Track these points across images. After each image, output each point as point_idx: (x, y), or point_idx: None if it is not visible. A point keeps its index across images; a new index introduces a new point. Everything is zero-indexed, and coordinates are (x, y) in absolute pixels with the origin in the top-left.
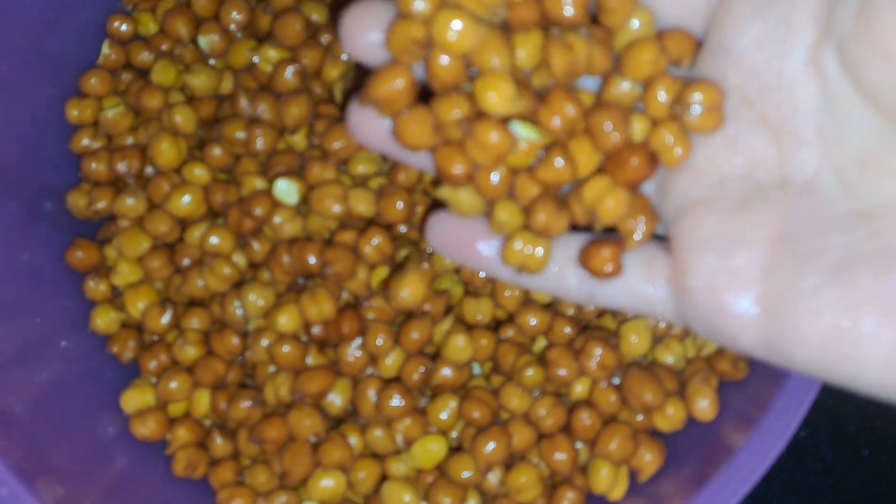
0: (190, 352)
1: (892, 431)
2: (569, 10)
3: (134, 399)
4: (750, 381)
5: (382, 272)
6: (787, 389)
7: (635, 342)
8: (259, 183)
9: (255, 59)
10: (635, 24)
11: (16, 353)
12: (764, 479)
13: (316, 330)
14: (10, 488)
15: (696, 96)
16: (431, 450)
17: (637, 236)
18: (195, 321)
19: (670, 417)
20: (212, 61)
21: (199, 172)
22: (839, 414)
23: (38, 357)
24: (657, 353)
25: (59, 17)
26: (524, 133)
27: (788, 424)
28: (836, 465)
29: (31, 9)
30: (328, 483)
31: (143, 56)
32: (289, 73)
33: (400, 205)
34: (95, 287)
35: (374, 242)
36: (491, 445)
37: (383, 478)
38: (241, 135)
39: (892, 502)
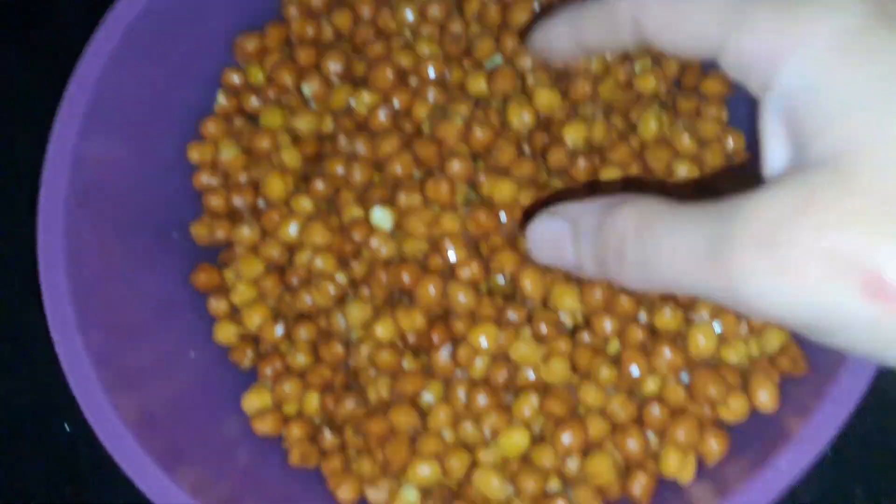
0: (300, 359)
1: None
2: None
3: (253, 401)
4: (808, 376)
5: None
6: (841, 381)
7: (702, 343)
8: (357, 211)
9: (352, 102)
10: None
11: (152, 363)
12: (834, 467)
13: (411, 338)
14: (156, 477)
15: None
16: (516, 440)
17: None
18: (304, 332)
19: (734, 409)
20: (313, 105)
21: (305, 203)
22: None
23: (170, 367)
24: (723, 352)
25: (182, 71)
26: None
27: (842, 411)
28: None
29: (161, 64)
30: (425, 470)
31: (253, 103)
32: (382, 114)
33: (483, 217)
34: (217, 305)
35: (466, 274)
36: (568, 435)
37: (474, 466)
38: (340, 169)
39: None
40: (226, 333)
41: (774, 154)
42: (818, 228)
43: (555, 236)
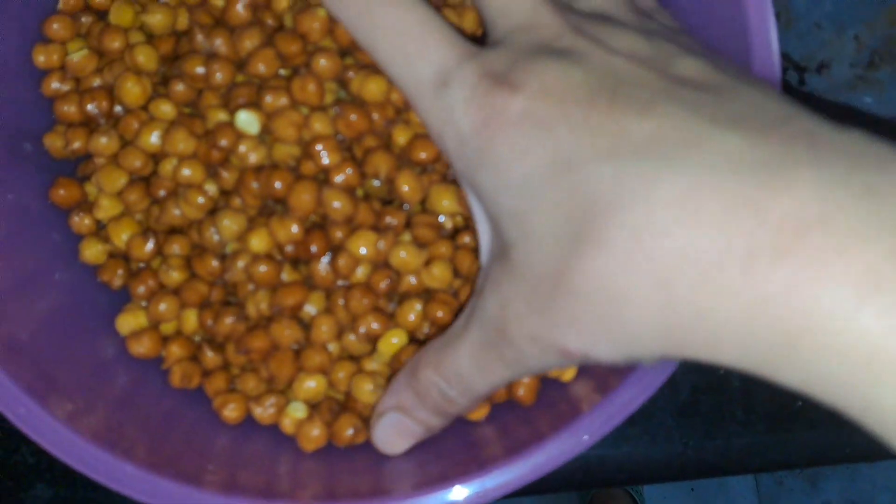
0: (174, 276)
1: None
2: None
3: (128, 322)
4: None
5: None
6: None
7: None
8: (222, 115)
9: None
10: None
11: (13, 286)
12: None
13: (289, 248)
14: (26, 407)
15: None
16: (393, 342)
17: None
18: (176, 247)
19: None
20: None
21: (165, 109)
22: None
23: (34, 289)
24: None
25: None
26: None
27: None
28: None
29: None
30: (311, 384)
31: None
32: (240, 6)
33: (354, 117)
34: (80, 222)
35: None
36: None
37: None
38: (200, 70)
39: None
40: (92, 252)
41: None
42: (517, 321)
43: (397, 428)
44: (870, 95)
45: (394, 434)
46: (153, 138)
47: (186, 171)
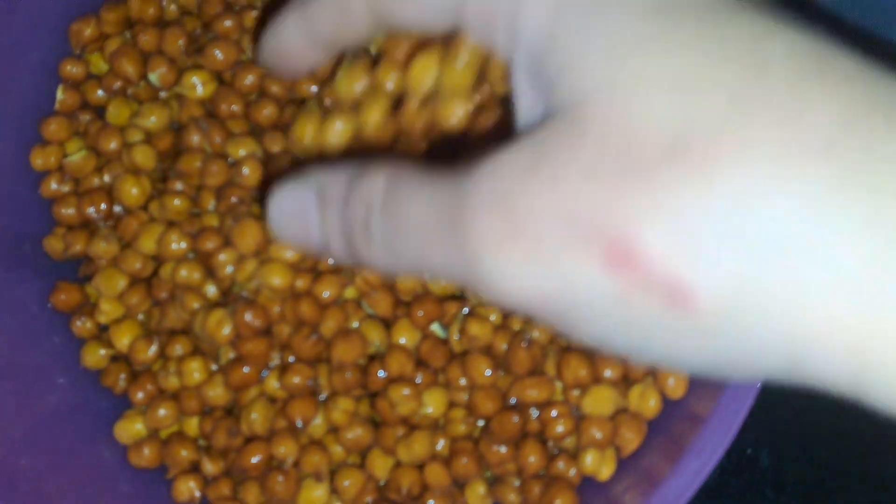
0: (173, 380)
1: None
2: None
3: (126, 429)
4: None
5: None
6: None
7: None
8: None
9: (197, 85)
10: None
11: (14, 391)
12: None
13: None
14: None
15: None
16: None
17: None
18: (180, 349)
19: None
20: (164, 94)
21: (166, 207)
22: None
23: (36, 394)
24: None
25: (15, 67)
26: None
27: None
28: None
29: None
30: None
31: (99, 94)
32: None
33: None
34: (82, 326)
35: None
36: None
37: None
38: (199, 165)
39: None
40: (94, 356)
41: (525, 114)
42: (552, 186)
43: (299, 208)
44: None
45: (289, 214)
46: (152, 239)
47: (183, 273)
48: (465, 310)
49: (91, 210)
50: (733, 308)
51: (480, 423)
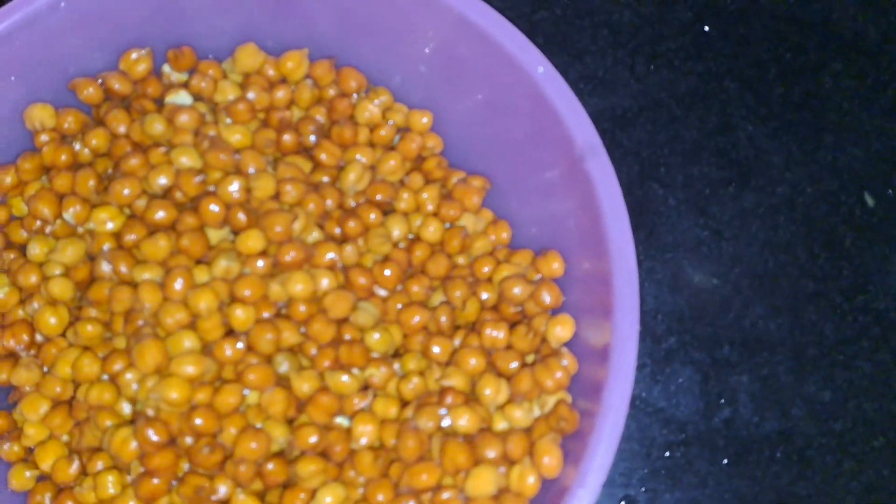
0: (90, 496)
1: (756, 436)
2: None
3: None
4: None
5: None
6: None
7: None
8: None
9: (110, 224)
10: None
11: None
12: (649, 500)
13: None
14: None
15: None
16: None
17: None
18: (100, 464)
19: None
20: (80, 229)
21: (80, 334)
22: (708, 429)
23: None
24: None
25: None
26: None
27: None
28: (710, 476)
29: None
30: None
31: (23, 234)
32: (131, 236)
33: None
34: (10, 450)
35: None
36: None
37: None
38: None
39: (763, 502)
40: (20, 479)
41: None
42: None
43: None
44: None
45: None
46: (69, 365)
47: (94, 394)
48: (362, 404)
49: (13, 342)
50: None
51: None
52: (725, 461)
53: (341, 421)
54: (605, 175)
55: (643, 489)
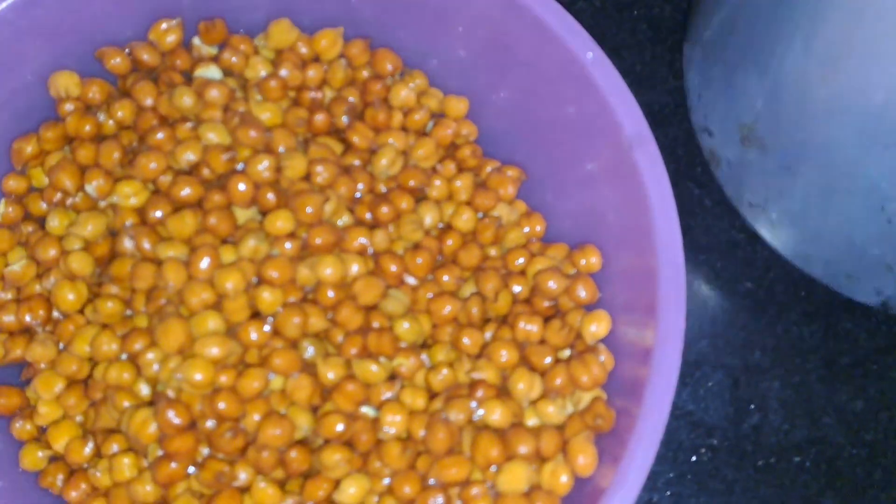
0: (106, 478)
1: (786, 444)
2: None
3: None
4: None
5: None
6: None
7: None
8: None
9: (133, 199)
10: None
11: None
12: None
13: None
14: None
15: None
16: None
17: None
18: (116, 447)
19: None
20: (102, 203)
21: (100, 311)
22: (736, 435)
23: None
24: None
25: None
26: None
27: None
28: (737, 483)
29: None
30: None
31: (42, 206)
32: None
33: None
34: (22, 428)
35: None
36: None
37: None
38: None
39: None
40: (31, 459)
41: None
42: None
43: None
44: None
45: None
46: (87, 342)
47: (114, 374)
48: (389, 394)
49: (28, 316)
50: None
51: None
52: (753, 468)
53: (367, 410)
54: (654, 165)
55: (668, 493)
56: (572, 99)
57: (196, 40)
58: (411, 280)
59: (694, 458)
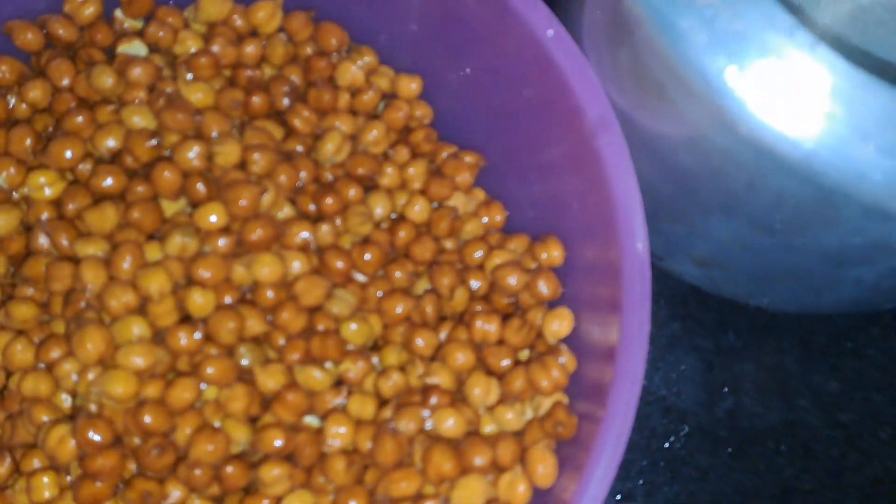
0: (23, 499)
1: (760, 427)
2: None
3: None
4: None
5: None
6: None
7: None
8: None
9: (48, 190)
10: None
11: None
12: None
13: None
14: None
15: None
16: None
17: None
18: (36, 462)
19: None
20: (15, 194)
21: (14, 315)
22: (710, 419)
23: None
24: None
25: None
26: None
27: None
28: (711, 470)
29: None
30: None
31: None
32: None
33: None
34: None
35: None
36: None
37: None
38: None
39: (765, 496)
40: None
41: None
42: None
43: None
44: None
45: None
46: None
47: (29, 385)
48: (336, 401)
49: None
50: None
51: None
52: (727, 453)
53: (311, 421)
54: (618, 153)
55: (641, 482)
56: (532, 80)
57: (118, 13)
58: (360, 277)
59: (667, 445)
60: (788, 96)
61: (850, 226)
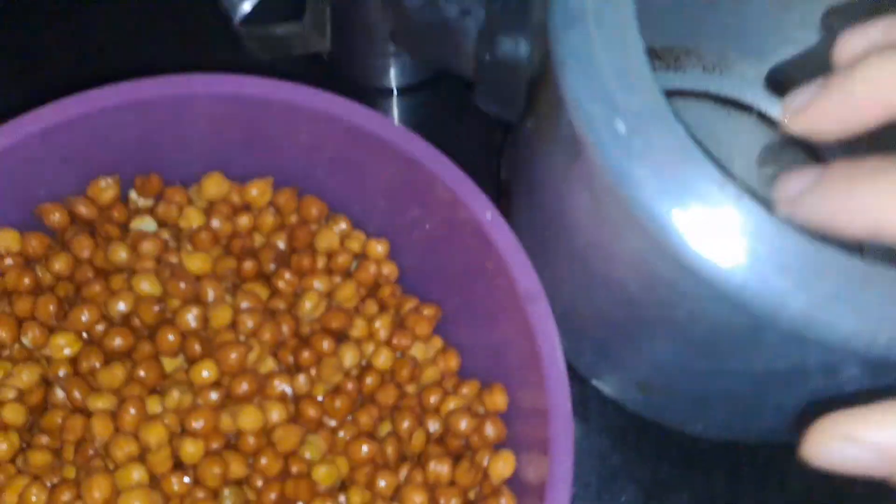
0: None
1: None
2: None
3: None
4: None
5: None
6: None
7: None
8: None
9: (67, 350)
10: None
11: None
12: None
13: None
14: None
15: None
16: None
17: None
18: None
19: None
20: (37, 353)
21: (30, 462)
22: None
23: None
24: None
25: None
26: None
27: None
28: None
29: None
30: None
31: None
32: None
33: None
34: None
35: None
36: None
37: None
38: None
39: None
40: None
41: None
42: None
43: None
44: None
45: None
46: (15, 495)
47: None
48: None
49: None
50: None
51: None
52: None
53: None
54: (544, 320)
55: None
56: (475, 251)
57: (133, 193)
58: (331, 422)
59: None
60: (722, 236)
61: (774, 351)
